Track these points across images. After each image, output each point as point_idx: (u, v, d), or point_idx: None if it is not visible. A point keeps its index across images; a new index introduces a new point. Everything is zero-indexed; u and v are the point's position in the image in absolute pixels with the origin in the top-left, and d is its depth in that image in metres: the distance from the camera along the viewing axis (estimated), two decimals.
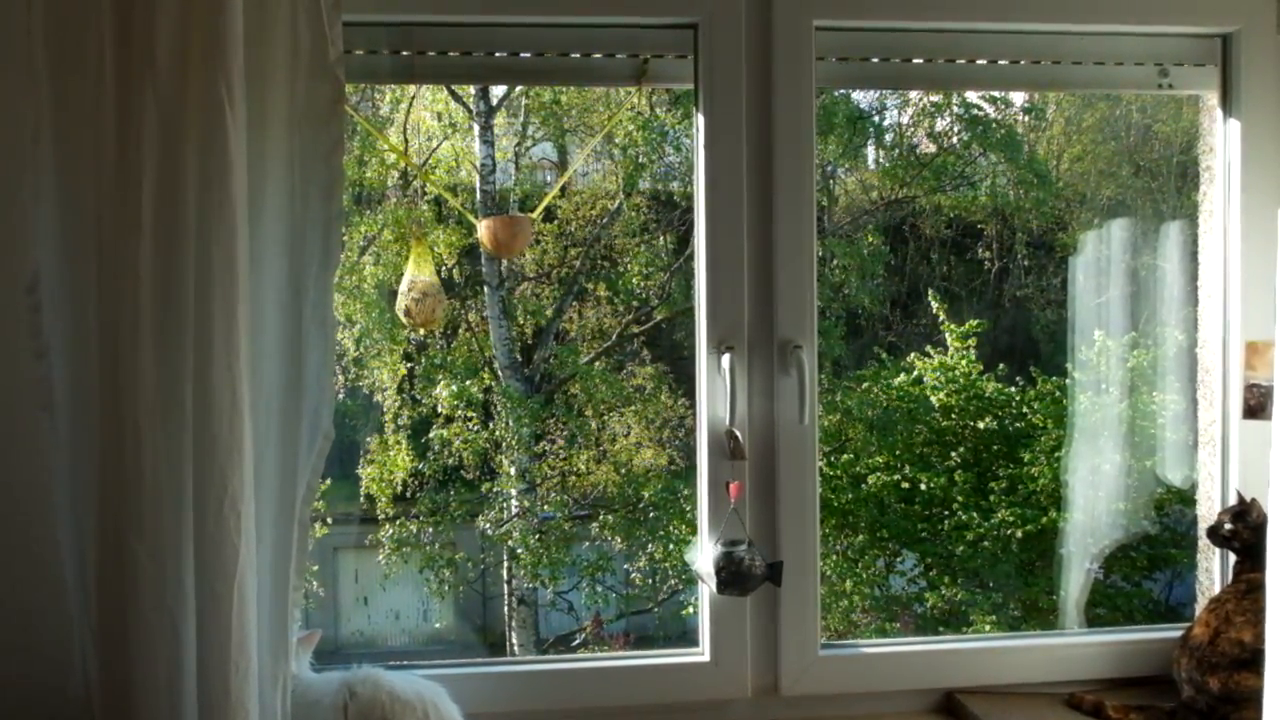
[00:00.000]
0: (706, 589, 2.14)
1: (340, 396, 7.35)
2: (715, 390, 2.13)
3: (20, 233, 1.70)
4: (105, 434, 1.63)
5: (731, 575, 2.06)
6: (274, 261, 1.74)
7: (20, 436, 1.74)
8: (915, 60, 2.24)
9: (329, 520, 7.10)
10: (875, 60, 2.24)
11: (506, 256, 6.28)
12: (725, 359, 2.10)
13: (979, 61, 2.26)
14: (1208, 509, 2.36)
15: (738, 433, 2.10)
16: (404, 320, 2.17)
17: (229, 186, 1.61)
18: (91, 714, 1.69)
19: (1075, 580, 5.25)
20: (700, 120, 2.12)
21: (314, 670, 1.98)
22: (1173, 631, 2.21)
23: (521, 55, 2.16)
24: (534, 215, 2.26)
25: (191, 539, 1.63)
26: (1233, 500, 2.22)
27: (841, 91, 7.41)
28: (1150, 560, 6.52)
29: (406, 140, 7.22)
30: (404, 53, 2.10)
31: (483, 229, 2.13)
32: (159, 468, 1.62)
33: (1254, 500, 2.15)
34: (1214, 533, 2.20)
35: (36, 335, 1.70)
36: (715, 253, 2.12)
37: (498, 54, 2.14)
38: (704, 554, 2.11)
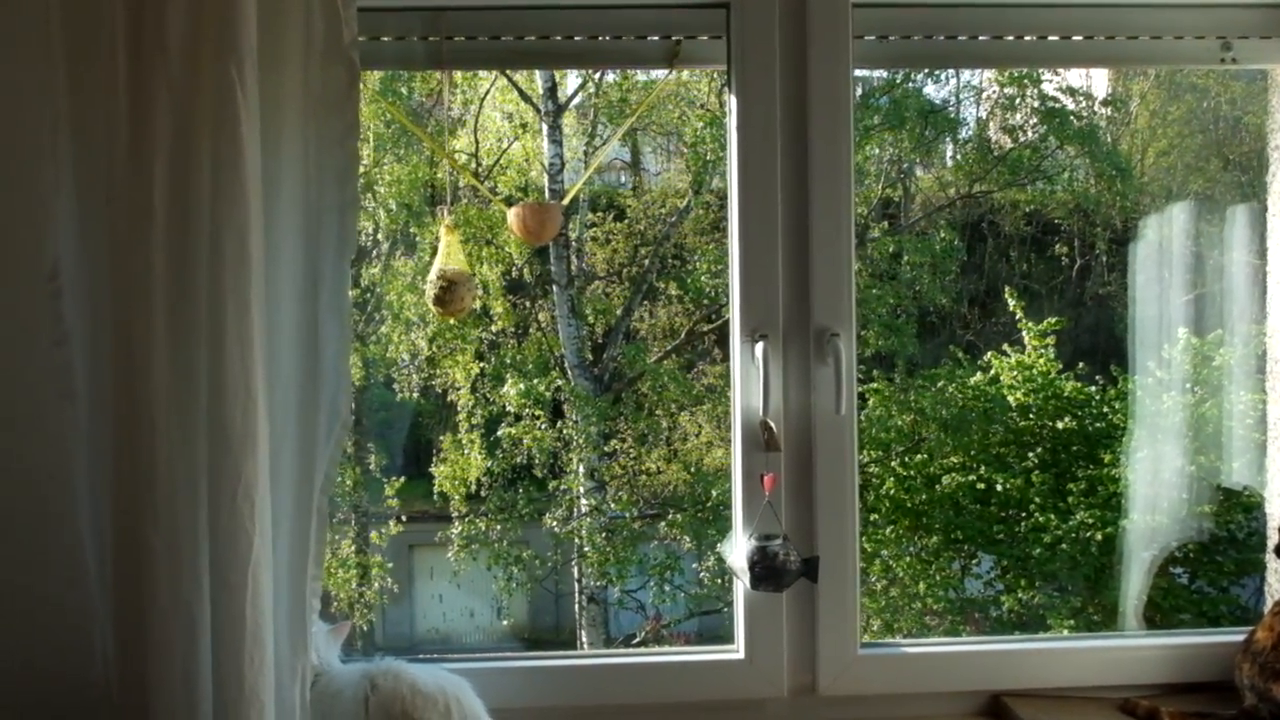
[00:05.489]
0: (741, 585, 2.08)
1: (414, 395, 7.44)
2: (750, 380, 2.07)
3: (41, 221, 1.70)
4: (120, 423, 1.62)
5: (766, 570, 2.00)
6: (289, 248, 1.72)
7: (43, 424, 1.73)
8: (960, 37, 2.16)
9: (403, 518, 7.19)
10: (917, 38, 2.16)
11: (537, 244, 6.28)
12: (759, 347, 2.04)
13: (1027, 38, 2.17)
14: (1279, 509, 2.25)
15: (772, 424, 2.03)
16: (434, 309, 2.15)
17: (241, 172, 1.60)
18: (111, 702, 1.69)
19: (1135, 581, 5.09)
20: (733, 102, 2.06)
21: (343, 662, 1.97)
22: (1235, 635, 2.09)
23: (553, 39, 2.12)
24: (564, 202, 2.22)
25: (206, 529, 1.62)
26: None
27: (914, 84, 7.31)
28: (1238, 565, 6.30)
29: (477, 140, 7.27)
30: (432, 38, 2.08)
31: (512, 216, 2.10)
32: (174, 457, 1.60)
33: None
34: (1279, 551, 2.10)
35: (57, 323, 1.70)
36: (748, 237, 2.06)
37: (527, 38, 2.11)
38: (738, 548, 2.06)
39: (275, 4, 1.67)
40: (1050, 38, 2.16)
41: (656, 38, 2.11)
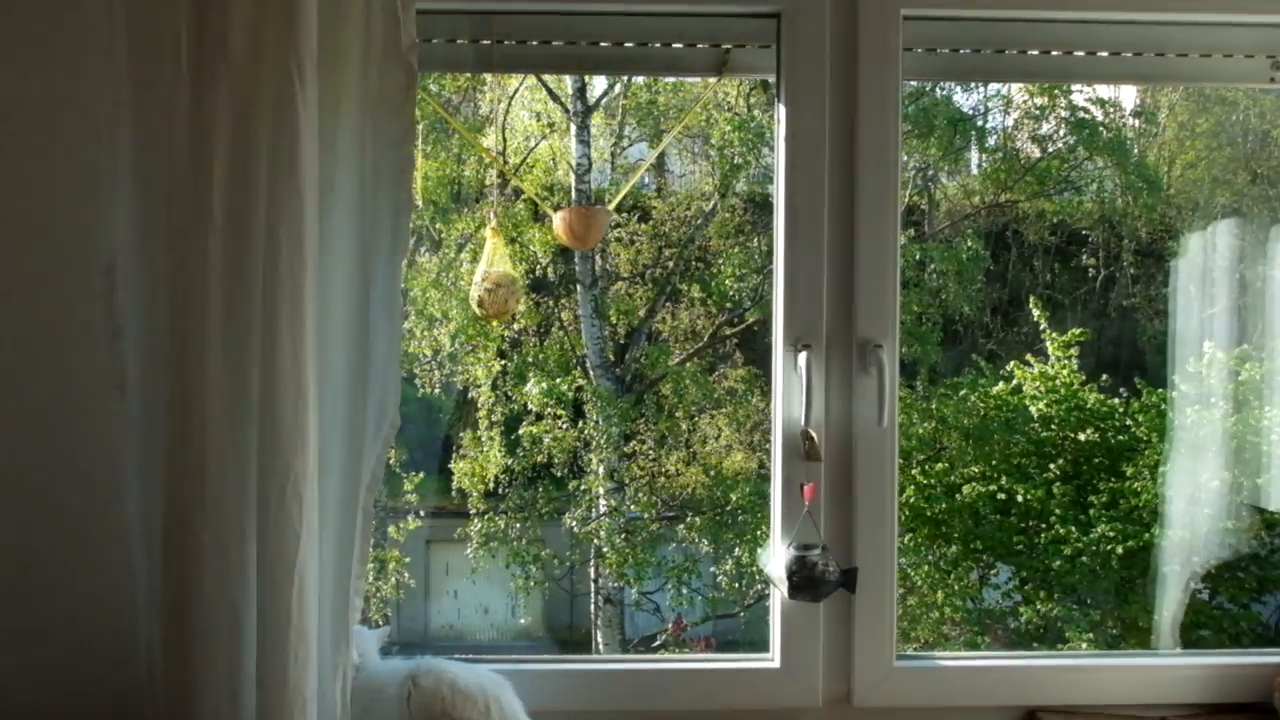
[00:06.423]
0: (778, 593, 2.09)
1: (435, 391, 7.45)
2: (792, 389, 2.08)
3: (99, 215, 1.73)
4: (172, 416, 1.64)
5: (804, 580, 2.00)
6: (343, 247, 1.74)
7: (94, 416, 1.76)
8: (1009, 52, 2.16)
9: (421, 513, 7.19)
10: (966, 52, 2.16)
11: (582, 248, 6.29)
12: (802, 357, 2.04)
13: (1076, 54, 2.16)
14: None
15: (813, 433, 2.04)
16: (476, 310, 2.16)
17: (299, 172, 1.61)
18: (156, 695, 1.70)
19: (1171, 599, 5.06)
20: (781, 112, 2.07)
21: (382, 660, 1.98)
22: (1274, 657, 2.09)
23: (601, 45, 2.13)
24: (610, 207, 2.22)
25: (254, 524, 1.64)
26: None
27: (943, 92, 7.28)
28: (1260, 582, 6.26)
29: (505, 139, 7.27)
30: (483, 41, 2.09)
31: (558, 221, 2.11)
32: (224, 452, 1.62)
33: None
34: None
35: (112, 316, 1.73)
36: (794, 247, 2.06)
37: (577, 43, 2.11)
38: (776, 557, 2.06)
39: (336, 6, 1.69)
40: (1099, 53, 2.16)
41: (706, 46, 2.12)
